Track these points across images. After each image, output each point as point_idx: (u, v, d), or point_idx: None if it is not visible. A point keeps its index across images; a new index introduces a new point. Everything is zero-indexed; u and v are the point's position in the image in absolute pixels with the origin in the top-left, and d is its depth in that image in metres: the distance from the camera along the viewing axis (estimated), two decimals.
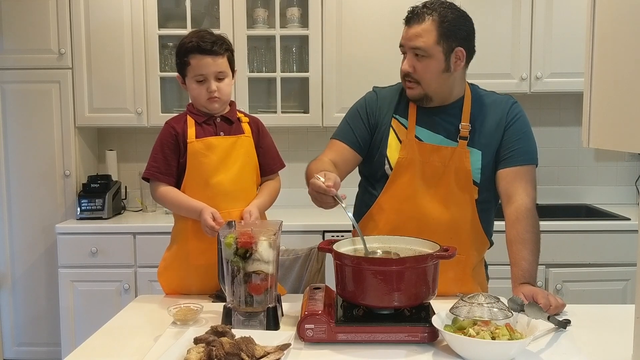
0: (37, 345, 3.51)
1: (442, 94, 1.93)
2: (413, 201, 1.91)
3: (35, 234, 3.48)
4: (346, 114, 2.07)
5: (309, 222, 3.18)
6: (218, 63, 1.93)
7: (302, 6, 3.48)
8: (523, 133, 1.94)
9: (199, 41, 1.91)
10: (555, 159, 3.77)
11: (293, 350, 1.45)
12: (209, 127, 1.97)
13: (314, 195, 1.74)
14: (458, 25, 1.87)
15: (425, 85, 1.89)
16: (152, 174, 1.95)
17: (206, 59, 1.92)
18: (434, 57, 1.85)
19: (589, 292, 3.19)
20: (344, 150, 1.99)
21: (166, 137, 1.96)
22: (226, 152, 1.95)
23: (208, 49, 1.91)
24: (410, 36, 1.86)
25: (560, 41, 3.36)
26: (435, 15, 1.84)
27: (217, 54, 1.93)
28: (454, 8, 1.88)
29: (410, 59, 1.88)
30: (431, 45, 1.84)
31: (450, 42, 1.86)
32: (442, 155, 1.91)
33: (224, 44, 1.95)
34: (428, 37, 1.84)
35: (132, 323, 1.71)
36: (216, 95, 1.94)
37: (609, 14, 1.19)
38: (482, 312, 1.46)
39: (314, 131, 3.67)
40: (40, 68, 3.41)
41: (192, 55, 1.92)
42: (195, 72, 1.93)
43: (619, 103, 1.15)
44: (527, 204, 1.87)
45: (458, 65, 1.89)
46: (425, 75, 1.88)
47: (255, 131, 2.04)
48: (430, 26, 1.84)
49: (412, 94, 1.92)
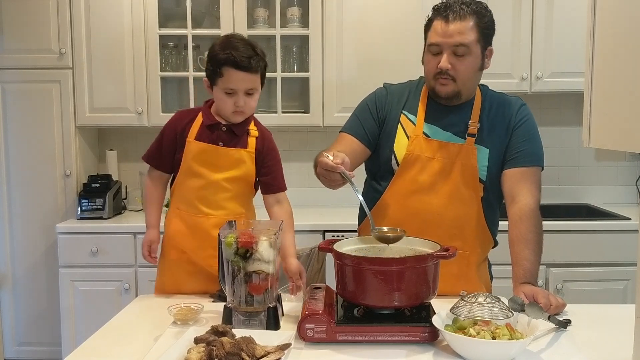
0: (38, 345, 3.51)
1: (470, 91, 1.95)
2: (418, 197, 1.92)
3: (36, 234, 3.48)
4: (355, 109, 2.08)
5: (310, 222, 3.18)
6: (251, 79, 1.88)
7: (303, 6, 3.48)
8: (530, 135, 1.95)
9: (236, 55, 1.84)
10: (555, 159, 3.76)
11: (293, 350, 1.45)
12: (212, 133, 1.94)
13: (322, 174, 1.73)
14: (491, 25, 1.90)
15: (460, 83, 1.89)
16: (147, 158, 2.02)
17: (240, 75, 1.85)
18: (473, 54, 1.86)
19: (589, 292, 3.19)
20: (353, 144, 1.98)
21: (169, 129, 1.98)
22: (217, 161, 1.93)
23: (244, 65, 1.84)
24: (451, 32, 1.84)
25: (561, 41, 3.36)
26: (475, 13, 1.85)
27: (253, 71, 1.86)
28: (487, 7, 1.90)
29: (449, 56, 1.86)
30: (473, 42, 1.85)
31: (486, 40, 1.89)
32: (449, 151, 1.92)
33: (260, 59, 1.89)
34: (470, 35, 1.84)
35: (132, 323, 1.72)
36: (242, 110, 1.91)
37: (609, 13, 1.19)
38: (482, 312, 1.46)
39: (314, 131, 3.67)
40: (40, 68, 3.41)
41: (225, 67, 1.85)
42: (226, 85, 1.88)
43: (620, 103, 1.15)
44: (531, 205, 1.87)
45: (488, 63, 1.93)
46: (463, 73, 1.87)
47: (259, 147, 1.98)
48: (471, 23, 1.84)
49: (446, 90, 1.90)
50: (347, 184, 1.69)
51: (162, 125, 2.01)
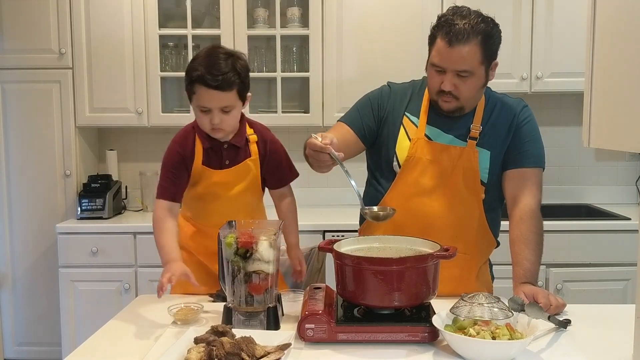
0: (38, 345, 3.51)
1: (474, 103, 1.93)
2: (420, 199, 1.92)
3: (36, 234, 3.48)
4: (357, 102, 2.07)
5: (310, 222, 3.18)
6: (223, 98, 1.81)
7: (303, 6, 3.48)
8: (532, 136, 1.95)
9: (206, 74, 1.77)
10: (555, 159, 3.76)
11: (293, 350, 1.45)
12: (216, 155, 1.93)
13: (311, 155, 1.73)
14: (497, 40, 1.85)
15: (463, 100, 1.87)
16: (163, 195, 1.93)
17: (211, 93, 1.79)
18: (476, 75, 1.82)
19: (589, 292, 3.19)
20: (347, 134, 1.98)
21: (172, 158, 1.92)
22: (229, 183, 1.94)
23: (214, 84, 1.78)
24: (455, 59, 1.78)
25: (561, 41, 3.36)
26: (480, 34, 1.78)
27: (225, 89, 1.80)
28: (490, 20, 1.83)
29: (452, 78, 1.81)
30: (477, 66, 1.81)
31: (491, 57, 1.84)
32: (450, 154, 1.91)
33: (234, 77, 1.80)
34: (473, 59, 1.79)
35: (132, 323, 1.71)
36: (219, 127, 1.86)
37: (609, 13, 1.19)
38: (482, 312, 1.46)
39: (314, 131, 3.64)
40: (40, 68, 3.41)
41: (197, 85, 1.80)
42: (198, 103, 1.83)
43: (620, 103, 1.15)
44: (532, 206, 1.87)
45: (492, 75, 1.90)
46: (466, 93, 1.85)
47: (262, 152, 1.99)
48: (475, 47, 1.78)
49: (449, 107, 1.88)
50: (336, 165, 1.68)
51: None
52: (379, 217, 1.72)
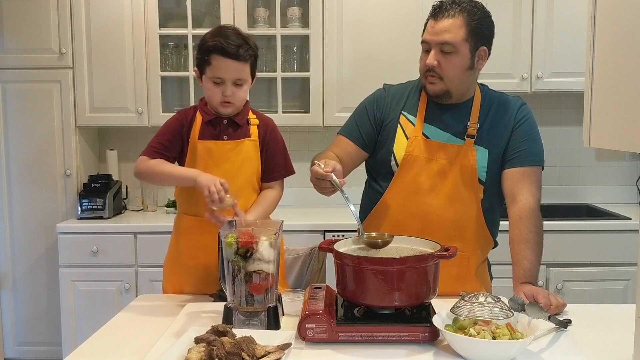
0: (38, 345, 3.52)
1: (461, 91, 1.94)
2: (418, 198, 1.92)
3: (36, 234, 3.48)
4: (355, 110, 2.09)
5: (310, 222, 3.19)
6: (240, 69, 1.85)
7: (303, 6, 3.48)
8: (530, 135, 1.95)
9: (224, 42, 1.81)
10: (556, 159, 3.76)
11: (294, 350, 1.45)
12: (214, 128, 1.93)
13: (314, 182, 1.75)
14: (485, 24, 1.88)
15: (447, 81, 1.88)
16: (152, 152, 1.93)
17: (228, 63, 1.83)
18: (460, 53, 1.85)
19: (590, 292, 3.19)
20: (348, 147, 2.00)
21: (171, 125, 1.95)
22: (224, 157, 1.92)
23: (232, 52, 1.82)
24: (438, 30, 1.84)
25: (561, 41, 3.36)
26: (465, 12, 1.83)
27: (241, 60, 1.84)
28: (481, 6, 1.89)
29: (436, 53, 1.86)
30: (460, 41, 1.84)
31: (477, 40, 1.86)
32: (448, 152, 1.92)
33: (250, 49, 1.85)
34: (457, 33, 1.83)
35: (132, 323, 1.71)
36: (230, 100, 1.88)
37: (609, 13, 1.19)
38: (482, 312, 1.46)
39: (314, 131, 3.67)
40: (41, 68, 3.42)
41: (213, 55, 1.83)
42: (213, 73, 1.86)
43: (620, 103, 1.15)
44: (531, 205, 1.87)
45: (480, 64, 1.91)
46: (449, 71, 1.87)
47: (262, 135, 1.97)
48: (459, 22, 1.83)
49: (434, 89, 1.91)
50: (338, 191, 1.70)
51: (162, 125, 2.00)
52: (377, 244, 1.70)
